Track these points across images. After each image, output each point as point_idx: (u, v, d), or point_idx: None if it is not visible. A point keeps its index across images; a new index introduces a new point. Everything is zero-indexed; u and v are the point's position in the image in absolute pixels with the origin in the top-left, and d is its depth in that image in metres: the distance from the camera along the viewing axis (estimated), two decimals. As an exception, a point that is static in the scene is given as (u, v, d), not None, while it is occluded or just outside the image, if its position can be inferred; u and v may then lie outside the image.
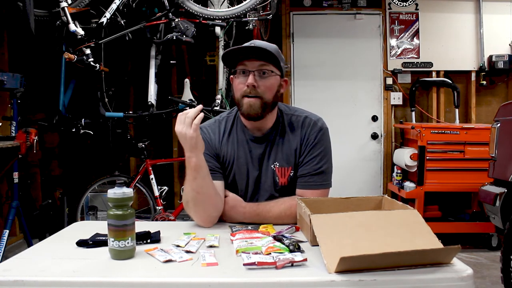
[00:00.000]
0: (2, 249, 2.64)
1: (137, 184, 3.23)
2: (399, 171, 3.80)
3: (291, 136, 1.40)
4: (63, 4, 2.76)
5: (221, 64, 3.32)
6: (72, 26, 2.76)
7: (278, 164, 1.39)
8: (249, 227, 1.23)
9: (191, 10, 2.98)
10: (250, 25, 3.15)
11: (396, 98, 4.17)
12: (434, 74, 4.15)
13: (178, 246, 1.05)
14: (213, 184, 1.30)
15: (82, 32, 2.80)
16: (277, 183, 1.39)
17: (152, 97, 3.14)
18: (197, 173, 1.24)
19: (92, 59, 2.84)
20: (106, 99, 3.25)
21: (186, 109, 3.26)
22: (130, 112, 3.34)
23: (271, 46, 1.34)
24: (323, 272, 0.87)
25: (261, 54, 1.31)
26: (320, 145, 1.38)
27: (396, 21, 4.17)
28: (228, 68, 1.43)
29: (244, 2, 2.96)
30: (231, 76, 1.41)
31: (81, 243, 1.08)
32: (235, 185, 1.41)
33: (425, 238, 0.95)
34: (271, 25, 3.89)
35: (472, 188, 3.28)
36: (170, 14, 2.96)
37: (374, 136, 4.21)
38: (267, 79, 1.33)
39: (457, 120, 4.06)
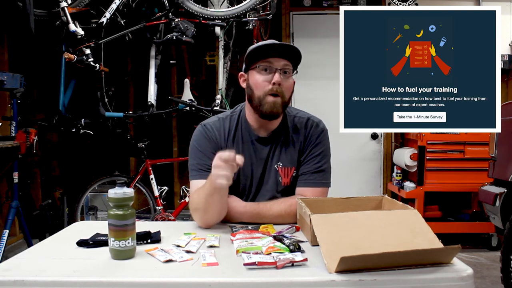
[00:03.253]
0: (2, 249, 2.64)
1: (137, 184, 3.23)
2: (399, 171, 3.80)
3: (295, 137, 1.41)
4: (63, 4, 2.76)
5: (221, 64, 3.32)
6: (72, 26, 2.77)
7: (281, 164, 1.39)
8: (249, 227, 1.22)
9: (191, 10, 2.98)
10: (250, 25, 3.15)
11: (396, 98, 4.16)
12: (434, 74, 4.15)
13: (178, 246, 1.05)
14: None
15: (82, 32, 2.80)
16: (280, 183, 1.39)
17: (152, 97, 3.14)
18: (223, 191, 1.22)
19: (92, 59, 2.84)
20: (106, 99, 3.25)
21: (185, 110, 3.28)
22: (130, 112, 3.34)
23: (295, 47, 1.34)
24: (323, 272, 0.87)
25: (286, 53, 1.31)
26: (321, 146, 1.39)
27: (396, 21, 4.17)
28: (246, 64, 1.40)
29: (244, 2, 2.96)
30: (241, 72, 1.40)
31: (81, 243, 1.08)
32: (238, 184, 1.39)
33: (425, 238, 0.95)
34: (271, 25, 3.88)
35: (472, 188, 3.28)
36: (170, 14, 2.96)
37: (374, 136, 4.21)
38: (288, 79, 1.34)
39: (457, 120, 4.05)
